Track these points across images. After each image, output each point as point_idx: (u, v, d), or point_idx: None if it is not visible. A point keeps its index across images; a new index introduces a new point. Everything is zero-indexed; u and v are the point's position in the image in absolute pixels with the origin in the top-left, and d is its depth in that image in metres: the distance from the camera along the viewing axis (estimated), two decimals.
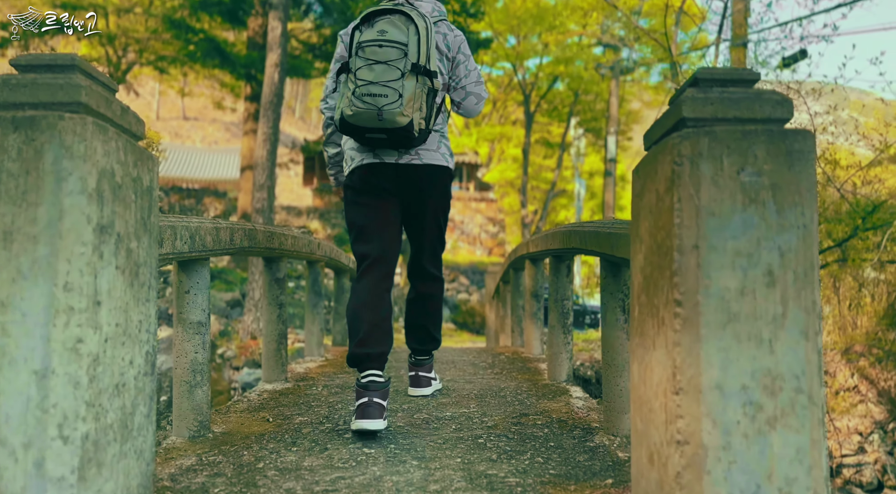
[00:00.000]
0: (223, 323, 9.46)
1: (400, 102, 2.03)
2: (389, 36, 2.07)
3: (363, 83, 2.04)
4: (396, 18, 2.10)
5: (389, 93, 2.03)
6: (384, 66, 2.05)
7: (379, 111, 2.02)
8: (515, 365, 3.34)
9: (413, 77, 2.06)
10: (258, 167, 9.19)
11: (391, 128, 2.05)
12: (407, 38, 2.08)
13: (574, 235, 2.28)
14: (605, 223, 1.92)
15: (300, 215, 28.51)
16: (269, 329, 2.87)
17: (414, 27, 2.09)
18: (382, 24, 2.10)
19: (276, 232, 2.68)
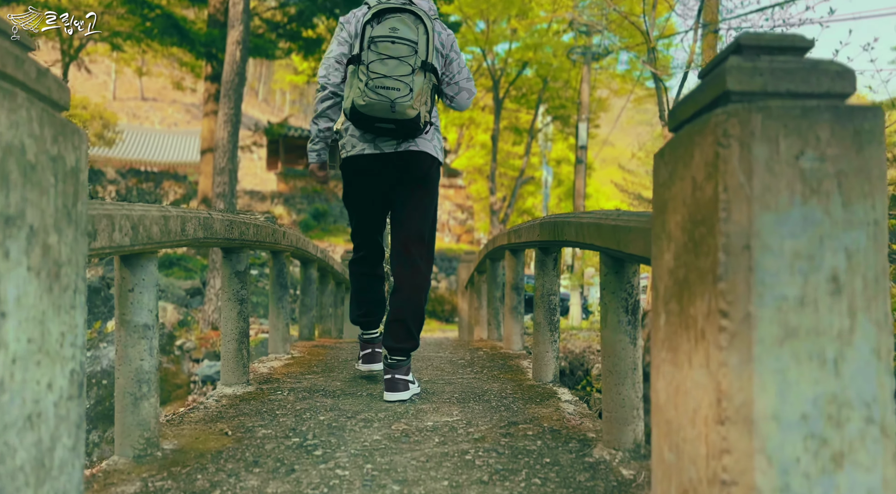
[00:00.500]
0: (182, 313, 9.08)
1: (410, 96, 2.20)
2: (401, 33, 2.23)
3: (377, 76, 2.20)
4: (406, 17, 2.25)
5: (401, 87, 2.19)
6: (396, 61, 2.21)
7: (392, 103, 2.19)
8: (496, 363, 3.15)
9: (422, 73, 2.23)
10: (219, 149, 8.79)
11: (401, 120, 2.24)
12: (417, 36, 2.24)
13: (568, 226, 2.08)
14: (607, 214, 1.72)
15: (264, 200, 27.88)
16: (228, 327, 2.61)
17: (423, 27, 2.25)
18: (393, 21, 2.24)
19: (236, 220, 2.41)
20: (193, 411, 2.20)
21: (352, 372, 2.95)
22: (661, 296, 1.16)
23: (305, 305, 4.36)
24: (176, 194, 27.74)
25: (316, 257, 4.29)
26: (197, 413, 2.17)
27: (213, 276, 8.63)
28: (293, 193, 27.66)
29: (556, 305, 2.65)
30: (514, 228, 3.17)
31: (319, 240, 23.91)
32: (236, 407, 2.26)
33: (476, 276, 5.35)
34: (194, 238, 1.97)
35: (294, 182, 28.09)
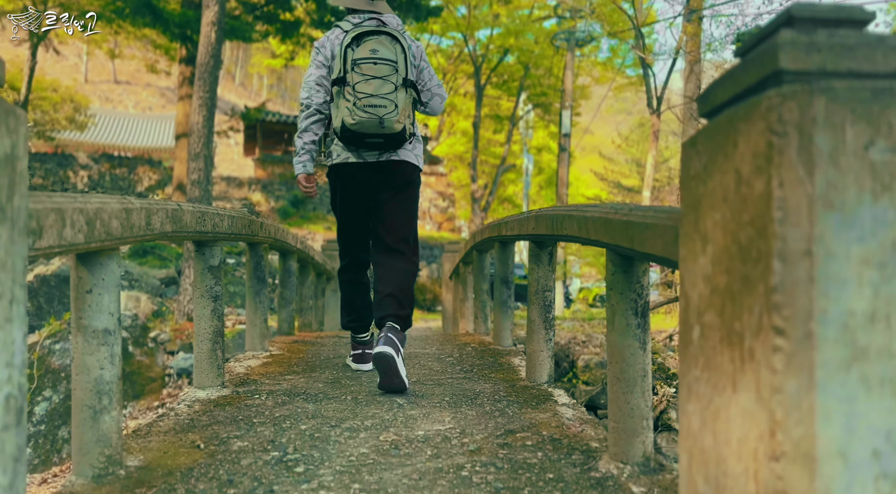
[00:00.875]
0: (157, 303, 8.82)
1: (396, 111, 2.39)
2: (381, 54, 2.40)
3: (364, 96, 2.37)
4: (384, 38, 2.42)
5: (388, 104, 2.38)
6: (380, 80, 2.38)
7: (381, 120, 2.37)
8: (486, 360, 3.01)
9: (403, 89, 2.42)
10: (194, 134, 8.50)
11: (389, 134, 2.43)
12: (396, 55, 2.41)
13: (569, 220, 1.93)
14: (616, 207, 1.57)
15: (241, 186, 27.42)
16: (201, 325, 2.43)
17: (399, 46, 2.43)
18: (372, 43, 2.40)
19: (208, 212, 2.23)
20: (163, 419, 2.03)
21: (334, 371, 2.79)
22: (694, 306, 1.01)
23: (284, 298, 4.18)
24: (150, 180, 27.17)
25: (295, 248, 4.11)
26: (167, 422, 2.00)
27: (189, 266, 8.38)
28: (271, 180, 27.22)
29: (552, 302, 2.51)
30: (505, 220, 3.02)
31: (298, 227, 23.57)
32: (210, 413, 2.09)
33: (461, 267, 5.20)
34: (161, 232, 1.79)
35: (272, 168, 27.64)
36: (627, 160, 43.75)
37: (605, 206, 1.67)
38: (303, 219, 24.79)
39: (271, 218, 25.26)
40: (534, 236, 2.47)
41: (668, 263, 1.30)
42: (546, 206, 15.21)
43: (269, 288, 7.11)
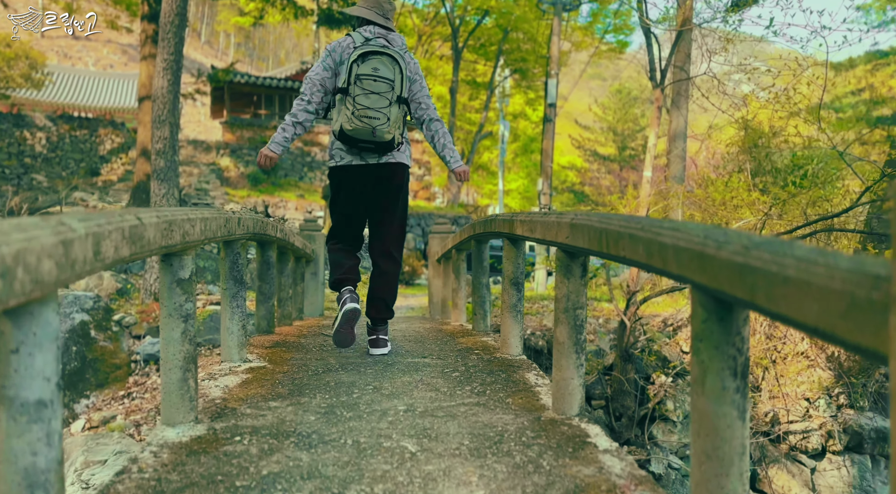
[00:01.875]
0: (121, 281, 8.29)
1: (388, 123, 2.79)
2: (381, 73, 2.76)
3: (361, 107, 2.75)
4: (386, 59, 2.79)
5: (381, 116, 2.76)
6: (377, 95, 2.75)
7: (373, 129, 2.78)
8: (497, 377, 2.66)
9: (396, 105, 2.81)
10: (158, 100, 7.87)
11: (379, 141, 2.83)
12: (394, 75, 2.78)
13: (631, 241, 1.56)
14: (711, 234, 1.21)
15: (209, 150, 26.46)
16: (170, 352, 2.03)
17: (398, 67, 2.80)
18: (375, 62, 2.77)
19: (176, 219, 1.81)
20: (124, 479, 1.64)
21: (325, 395, 2.42)
22: None
23: (263, 293, 3.77)
24: (113, 142, 26.04)
25: (275, 238, 3.69)
26: (128, 483, 1.61)
27: None
28: (240, 144, 26.29)
29: (584, 321, 2.16)
30: (521, 217, 2.64)
31: (270, 195, 22.85)
32: (182, 468, 1.70)
33: (454, 253, 4.83)
34: (116, 259, 1.37)
35: (241, 132, 26.68)
36: (603, 128, 43.47)
37: (690, 230, 1.30)
38: (274, 185, 24.03)
39: (241, 183, 24.45)
40: (566, 246, 2.10)
41: (832, 339, 0.94)
42: (520, 178, 14.70)
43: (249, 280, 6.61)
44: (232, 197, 21.85)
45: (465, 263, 4.77)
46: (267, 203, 22.13)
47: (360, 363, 2.93)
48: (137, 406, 5.75)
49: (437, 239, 6.08)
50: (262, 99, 28.17)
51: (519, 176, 39.26)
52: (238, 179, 24.69)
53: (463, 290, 4.74)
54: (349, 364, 2.89)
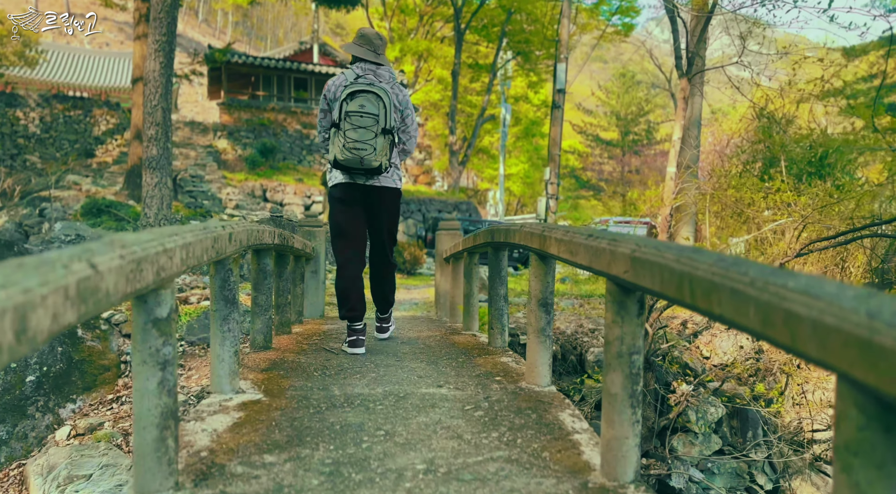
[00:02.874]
0: None
1: (374, 153, 3.24)
2: (367, 109, 3.20)
3: (351, 140, 3.22)
4: (372, 96, 3.22)
5: (368, 147, 3.22)
6: (364, 129, 3.20)
7: (361, 159, 3.24)
8: (528, 419, 2.31)
9: (382, 136, 3.24)
10: (150, 84, 7.46)
11: (368, 168, 3.30)
12: (378, 110, 3.22)
13: (738, 299, 1.20)
14: (851, 295, 0.86)
15: (206, 132, 25.99)
16: (144, 406, 1.68)
17: (382, 103, 3.22)
18: (361, 99, 3.21)
19: (148, 256, 1.44)
20: None
21: (330, 446, 2.07)
22: None
23: (260, 305, 3.41)
24: (108, 123, 25.54)
25: (272, 244, 3.32)
26: None
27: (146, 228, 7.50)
28: (238, 126, 25.78)
29: (641, 367, 1.81)
30: (561, 234, 2.27)
31: (268, 178, 22.41)
32: None
33: (466, 256, 4.47)
34: (55, 330, 1.01)
35: (238, 113, 26.14)
36: (606, 112, 42.86)
37: (837, 296, 0.94)
38: (272, 168, 23.56)
39: (238, 166, 23.98)
40: (621, 281, 1.74)
41: None
42: (520, 161, 14.23)
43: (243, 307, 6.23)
44: (229, 180, 21.41)
45: (478, 267, 4.42)
46: (265, 187, 21.70)
47: (368, 394, 2.58)
48: (127, 411, 5.42)
49: (446, 236, 5.72)
50: (259, 79, 27.59)
51: (520, 160, 38.76)
52: (235, 162, 24.22)
53: (475, 297, 4.39)
54: (355, 397, 2.54)
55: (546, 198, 11.16)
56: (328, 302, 8.21)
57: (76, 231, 8.83)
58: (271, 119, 26.00)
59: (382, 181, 3.46)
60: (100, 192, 14.83)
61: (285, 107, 26.20)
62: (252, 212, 17.60)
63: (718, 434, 5.43)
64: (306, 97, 27.16)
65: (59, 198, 13.68)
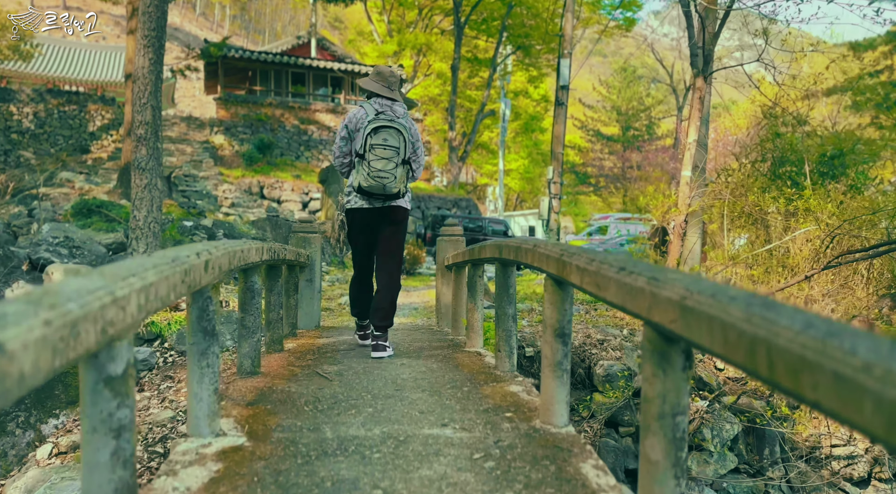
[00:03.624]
0: None
1: (395, 181, 3.72)
2: (389, 142, 3.66)
3: (375, 170, 3.67)
4: (393, 131, 3.66)
5: (390, 176, 3.69)
6: (387, 160, 3.66)
7: (384, 186, 3.71)
8: (546, 472, 2.03)
9: (402, 166, 3.72)
10: (138, 81, 7.16)
11: (388, 194, 3.77)
12: (399, 143, 3.68)
13: (870, 402, 0.93)
14: None
15: (202, 128, 25.64)
16: (94, 481, 1.40)
17: (402, 137, 3.69)
18: (384, 133, 3.65)
19: (89, 311, 1.16)
20: None
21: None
22: None
23: (247, 327, 3.13)
24: (103, 119, 25.19)
25: (261, 260, 3.04)
26: None
27: (137, 236, 7.21)
28: (235, 121, 25.43)
29: (685, 431, 1.54)
30: (585, 261, 1.98)
31: (265, 175, 22.08)
32: None
33: (470, 268, 4.19)
34: None
35: (236, 108, 25.78)
36: (607, 107, 42.51)
37: None
38: (270, 165, 23.21)
39: (235, 162, 23.64)
40: (664, 329, 1.46)
41: None
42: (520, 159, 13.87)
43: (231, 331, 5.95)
44: (226, 177, 21.09)
45: (482, 280, 4.14)
46: (262, 184, 21.39)
47: (365, 438, 2.30)
48: None
49: (448, 243, 5.44)
50: (257, 74, 27.21)
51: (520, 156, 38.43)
52: (232, 158, 23.89)
53: (480, 311, 4.11)
54: (350, 441, 2.26)
55: (549, 197, 10.87)
56: (325, 308, 7.94)
57: (65, 232, 8.54)
58: (268, 114, 25.66)
59: (398, 202, 3.91)
60: (93, 190, 14.52)
61: (283, 102, 25.85)
62: (248, 211, 17.30)
63: (734, 451, 5.17)
64: (304, 92, 26.81)
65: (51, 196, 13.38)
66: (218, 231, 9.89)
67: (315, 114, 25.98)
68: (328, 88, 27.35)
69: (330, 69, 26.40)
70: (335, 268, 11.43)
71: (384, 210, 3.88)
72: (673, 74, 32.29)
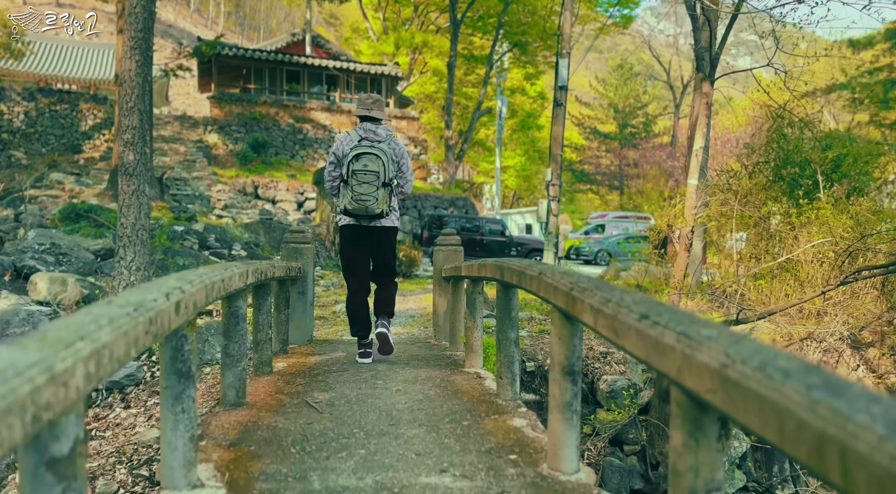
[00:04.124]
0: (87, 286, 7.43)
1: (376, 203, 4.03)
2: (370, 167, 3.98)
3: (357, 194, 4.00)
4: (373, 157, 3.99)
5: (371, 199, 4.01)
6: (367, 184, 3.98)
7: (366, 208, 4.03)
8: None
9: (382, 188, 4.02)
10: (125, 84, 6.92)
11: (372, 214, 4.10)
12: (378, 168, 3.99)
13: None
14: None
15: (196, 127, 25.37)
16: None
17: (382, 162, 3.99)
18: (364, 159, 3.97)
19: (18, 398, 0.96)
20: None
21: None
22: None
23: (231, 355, 2.92)
24: (96, 118, 24.89)
25: (246, 285, 2.84)
26: None
27: (124, 244, 6.99)
28: (229, 120, 25.15)
29: None
30: (599, 301, 1.78)
31: (260, 175, 21.84)
32: None
33: (469, 284, 3.99)
34: None
35: (230, 107, 25.50)
36: (603, 105, 42.29)
37: None
38: (264, 164, 22.97)
39: (229, 162, 23.37)
40: (698, 396, 1.26)
41: None
42: None
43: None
44: (220, 177, 20.84)
45: (481, 297, 3.94)
46: (257, 184, 21.13)
47: (356, 488, 2.10)
48: (95, 448, 4.95)
49: (446, 253, 5.24)
50: (251, 72, 26.92)
51: (516, 153, 38.21)
52: (226, 157, 23.61)
53: (479, 330, 3.91)
54: (340, 493, 2.06)
55: (548, 199, 10.66)
56: (318, 316, 7.73)
57: (51, 239, 8.30)
58: (263, 113, 25.38)
59: (383, 222, 4.22)
60: (83, 192, 14.26)
61: (277, 101, 25.57)
62: (242, 212, 17.05)
63: (742, 469, 4.99)
64: (299, 90, 26.54)
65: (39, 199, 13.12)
66: (209, 236, 9.64)
67: (310, 112, 25.71)
68: (323, 86, 27.07)
69: (325, 67, 26.13)
70: (330, 272, 11.22)
71: (372, 230, 4.22)
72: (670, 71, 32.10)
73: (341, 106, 25.82)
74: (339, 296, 9.00)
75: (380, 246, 4.28)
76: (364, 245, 4.26)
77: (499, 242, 18.59)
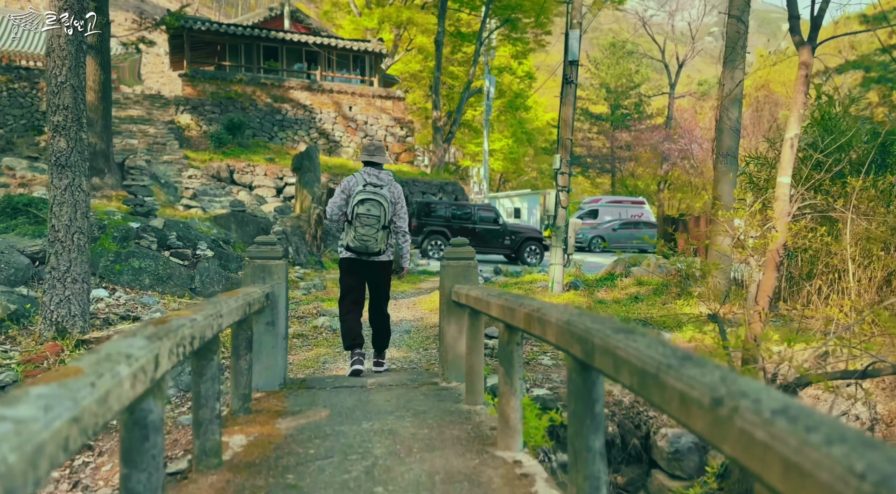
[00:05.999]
0: (16, 300, 6.16)
1: (376, 243, 4.53)
2: (372, 212, 4.48)
3: (360, 234, 4.49)
4: (376, 203, 4.49)
5: (372, 239, 4.51)
6: (369, 226, 4.49)
7: (367, 246, 4.53)
8: None
9: (382, 230, 4.54)
10: (53, 53, 5.61)
11: (372, 252, 4.59)
12: (380, 212, 4.49)
13: None
14: None
15: (167, 106, 23.73)
16: None
17: (383, 208, 4.50)
18: (368, 205, 4.48)
19: None
20: None
21: None
22: None
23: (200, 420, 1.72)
24: None
25: (213, 336, 1.67)
26: None
27: (57, 250, 5.74)
28: (202, 99, 23.58)
29: None
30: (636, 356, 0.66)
31: (236, 158, 20.40)
32: None
33: (504, 332, 2.84)
34: None
35: (203, 85, 23.90)
36: (595, 85, 41.05)
37: None
38: (241, 147, 21.51)
39: (202, 144, 21.89)
40: None
41: None
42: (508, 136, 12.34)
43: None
44: (192, 161, 19.39)
45: (520, 349, 2.79)
46: (232, 168, 19.73)
47: None
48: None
49: (455, 269, 4.09)
50: (226, 48, 25.29)
51: (503, 135, 36.93)
52: (199, 140, 22.12)
53: (519, 397, 2.74)
54: None
55: (556, 190, 9.53)
56: (297, 334, 6.54)
57: None
58: (239, 92, 23.84)
59: (381, 257, 4.68)
60: (36, 179, 12.85)
61: (254, 79, 24.04)
62: (214, 201, 15.69)
63: None
64: (277, 67, 25.01)
65: None
66: (170, 233, 8.34)
67: (289, 91, 24.22)
68: (303, 64, 25.53)
69: (304, 43, 24.59)
70: (312, 271, 10.00)
71: (370, 264, 4.70)
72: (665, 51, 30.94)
73: (322, 85, 24.34)
74: (322, 304, 7.81)
75: (376, 277, 4.77)
76: (362, 276, 4.75)
77: (491, 231, 17.46)
